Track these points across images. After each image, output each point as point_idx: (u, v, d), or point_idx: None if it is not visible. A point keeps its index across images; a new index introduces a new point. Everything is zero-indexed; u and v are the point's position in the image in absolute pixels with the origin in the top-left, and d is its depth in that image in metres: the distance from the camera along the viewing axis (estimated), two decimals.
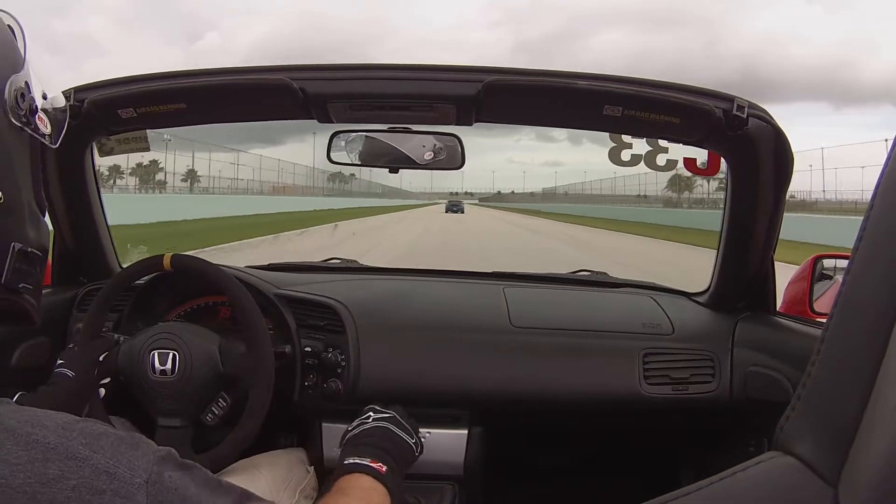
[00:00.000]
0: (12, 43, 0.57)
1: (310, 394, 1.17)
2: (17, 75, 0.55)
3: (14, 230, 0.55)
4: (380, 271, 1.64)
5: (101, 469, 0.44)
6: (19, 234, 0.55)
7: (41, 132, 0.58)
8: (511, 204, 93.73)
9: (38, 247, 0.57)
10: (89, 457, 0.44)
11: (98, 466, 0.44)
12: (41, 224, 0.60)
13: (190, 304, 1.24)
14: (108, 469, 0.44)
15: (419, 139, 1.16)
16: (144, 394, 1.00)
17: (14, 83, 0.54)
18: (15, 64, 0.56)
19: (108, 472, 0.44)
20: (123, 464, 0.45)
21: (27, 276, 0.55)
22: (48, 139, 0.60)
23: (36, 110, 0.57)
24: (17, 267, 0.54)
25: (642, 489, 0.66)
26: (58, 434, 0.44)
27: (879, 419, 0.32)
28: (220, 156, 31.97)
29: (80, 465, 0.43)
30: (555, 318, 1.31)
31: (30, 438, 0.43)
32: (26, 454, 0.42)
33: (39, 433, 0.44)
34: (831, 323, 0.36)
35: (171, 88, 1.07)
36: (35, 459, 0.42)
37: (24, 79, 0.56)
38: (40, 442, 0.43)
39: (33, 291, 0.57)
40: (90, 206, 1.30)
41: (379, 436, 0.91)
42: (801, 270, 1.51)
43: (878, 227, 0.35)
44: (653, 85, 1.01)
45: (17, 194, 0.55)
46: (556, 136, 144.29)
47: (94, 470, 0.44)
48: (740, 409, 1.19)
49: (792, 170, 1.07)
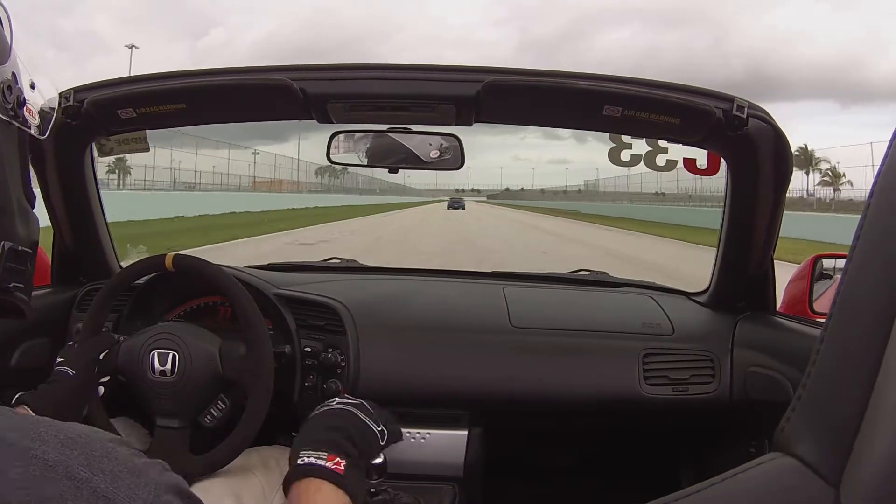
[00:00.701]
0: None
1: (309, 394, 1.16)
2: (2, 67, 0.53)
3: (3, 229, 0.54)
4: (380, 271, 1.64)
5: (100, 493, 0.42)
6: (9, 233, 0.55)
7: (29, 124, 0.57)
8: (522, 201, 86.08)
9: (28, 243, 0.57)
10: (89, 479, 0.42)
11: (97, 490, 0.42)
12: (30, 218, 0.59)
13: (189, 305, 1.24)
14: (106, 494, 0.42)
15: (425, 138, 1.16)
16: (143, 393, 1.00)
17: (0, 75, 0.52)
18: (1, 54, 0.54)
19: (107, 498, 0.42)
20: (123, 491, 0.43)
21: (18, 274, 0.55)
22: (37, 130, 0.58)
23: (24, 102, 0.55)
24: (8, 266, 0.53)
25: (642, 489, 0.66)
26: (58, 451, 0.43)
27: (880, 419, 0.32)
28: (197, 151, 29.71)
29: (77, 487, 0.41)
30: (554, 318, 1.31)
31: (29, 454, 0.41)
32: (25, 470, 0.40)
33: (39, 448, 0.42)
34: (830, 323, 0.36)
35: (171, 88, 1.07)
36: (34, 476, 0.40)
37: (11, 69, 0.54)
38: (39, 458, 0.41)
39: (24, 288, 0.56)
40: (90, 206, 1.30)
41: (341, 419, 0.90)
42: (801, 270, 1.51)
43: (876, 227, 0.35)
44: (652, 85, 1.01)
45: (6, 192, 0.54)
46: (562, 133, 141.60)
47: (93, 493, 0.42)
48: (740, 409, 1.19)
49: (791, 170, 1.07)
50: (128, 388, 1.02)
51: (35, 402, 0.88)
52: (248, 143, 41.30)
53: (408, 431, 1.23)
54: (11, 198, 0.55)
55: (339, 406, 0.92)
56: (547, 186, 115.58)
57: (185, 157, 28.93)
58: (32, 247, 0.58)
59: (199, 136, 27.76)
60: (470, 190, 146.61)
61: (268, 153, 42.93)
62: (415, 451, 1.22)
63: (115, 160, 22.57)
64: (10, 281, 0.54)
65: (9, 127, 0.54)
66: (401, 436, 0.99)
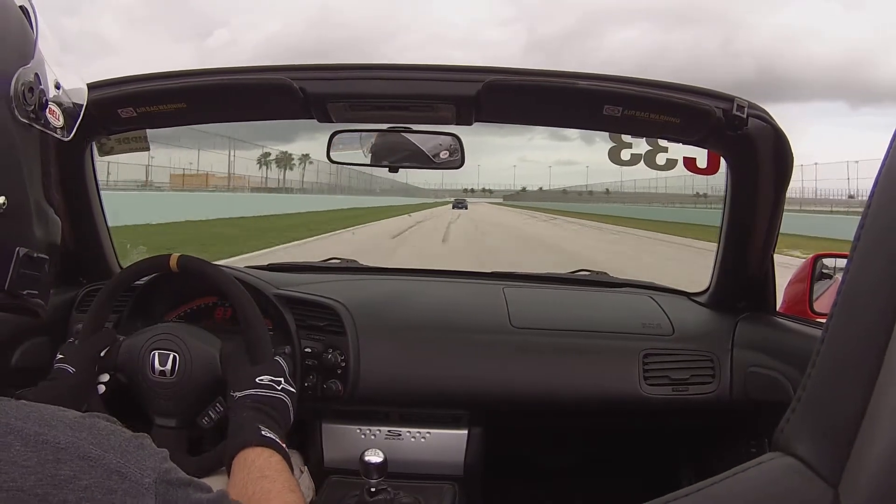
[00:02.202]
0: (21, 30, 0.53)
1: (310, 394, 1.16)
2: (25, 68, 0.52)
3: (19, 233, 0.53)
4: (380, 271, 1.64)
5: (113, 469, 0.44)
6: (25, 237, 0.53)
7: (52, 126, 0.55)
8: (544, 203, 72.85)
9: (45, 247, 0.56)
10: (101, 456, 0.44)
11: (109, 466, 0.44)
12: (49, 220, 0.58)
13: (190, 305, 1.24)
14: (119, 469, 0.44)
15: (430, 137, 1.17)
16: (142, 392, 1.00)
17: (22, 77, 0.51)
18: (24, 55, 0.52)
19: (120, 472, 0.44)
20: (133, 463, 0.45)
21: (32, 280, 0.54)
22: (60, 132, 0.57)
23: (46, 104, 0.54)
24: (22, 272, 0.52)
25: (642, 489, 0.66)
26: (67, 434, 0.44)
27: (880, 419, 0.32)
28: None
29: (91, 466, 0.43)
30: (555, 319, 1.31)
31: (39, 439, 0.43)
32: (36, 455, 0.42)
33: (49, 433, 0.43)
34: (831, 323, 0.36)
35: (171, 88, 1.07)
36: (46, 461, 0.42)
37: (34, 70, 0.53)
38: (50, 442, 0.43)
39: (40, 294, 0.55)
40: (90, 207, 1.30)
41: (283, 413, 0.91)
42: (801, 270, 1.51)
43: (877, 225, 0.35)
44: (653, 85, 1.01)
45: (23, 196, 0.53)
46: (570, 134, 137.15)
47: (106, 470, 0.44)
48: (740, 409, 1.19)
49: (791, 170, 1.07)
50: (127, 387, 1.02)
51: (34, 399, 0.88)
52: (257, 143, 36.49)
53: (408, 431, 1.23)
54: (29, 201, 0.54)
55: (280, 397, 0.93)
56: (568, 186, 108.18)
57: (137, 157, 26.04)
58: (51, 250, 0.57)
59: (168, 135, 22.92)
60: (480, 190, 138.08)
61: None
62: (415, 450, 1.22)
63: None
64: (24, 287, 0.53)
65: (29, 129, 0.53)
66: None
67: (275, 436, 0.84)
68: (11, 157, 0.52)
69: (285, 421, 0.91)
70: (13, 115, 0.51)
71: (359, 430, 1.24)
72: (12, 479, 0.40)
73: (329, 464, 1.23)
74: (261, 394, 0.91)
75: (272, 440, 0.83)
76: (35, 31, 0.55)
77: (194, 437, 1.03)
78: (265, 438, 0.82)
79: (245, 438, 0.82)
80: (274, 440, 0.83)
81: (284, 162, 44.72)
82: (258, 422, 0.85)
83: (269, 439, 0.82)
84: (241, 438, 0.82)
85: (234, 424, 0.87)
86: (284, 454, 0.82)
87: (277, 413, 0.90)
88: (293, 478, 0.79)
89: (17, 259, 0.52)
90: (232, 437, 0.84)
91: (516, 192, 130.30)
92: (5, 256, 0.52)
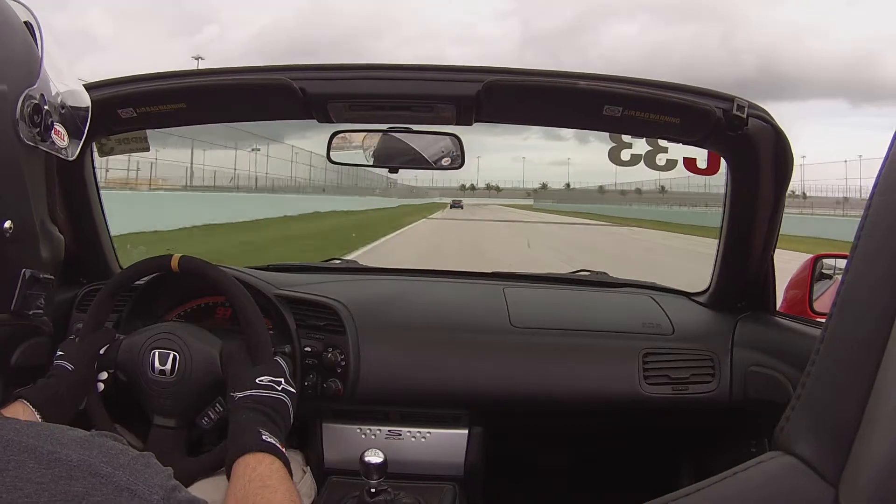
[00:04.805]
0: (27, 48, 0.53)
1: (309, 394, 1.16)
2: (31, 89, 0.51)
3: (25, 256, 0.53)
4: (380, 271, 1.64)
5: (123, 486, 0.45)
6: (30, 259, 0.54)
7: (57, 147, 0.55)
8: (587, 206, 55.60)
9: (51, 266, 0.57)
10: (111, 474, 0.45)
11: (119, 484, 0.45)
12: (54, 238, 0.58)
13: (190, 305, 1.24)
14: (129, 486, 0.46)
15: (431, 138, 1.17)
16: (142, 391, 1.00)
17: (28, 99, 0.51)
18: (29, 75, 0.52)
19: (130, 490, 0.46)
20: (142, 481, 0.47)
21: (37, 300, 0.54)
22: (65, 153, 0.57)
23: (52, 126, 0.54)
24: (28, 294, 0.53)
25: (642, 489, 0.66)
26: (78, 452, 0.45)
27: (880, 419, 0.32)
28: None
29: (103, 483, 0.44)
30: (555, 318, 1.31)
31: (52, 457, 0.44)
32: (50, 473, 0.43)
33: (61, 451, 0.45)
34: (831, 323, 0.36)
35: (171, 88, 1.07)
36: (59, 478, 0.43)
37: (40, 90, 0.52)
38: (62, 460, 0.44)
39: (45, 312, 0.56)
40: (90, 207, 1.30)
41: (283, 414, 0.91)
42: (801, 270, 1.51)
43: (878, 226, 0.35)
44: (653, 85, 1.01)
45: (29, 217, 0.53)
46: (586, 134, 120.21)
47: (116, 487, 0.45)
48: (740, 409, 1.19)
49: (792, 169, 1.07)
50: (126, 386, 1.02)
51: (34, 397, 0.88)
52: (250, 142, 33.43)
53: (408, 431, 1.23)
54: (34, 222, 0.54)
55: (280, 398, 0.93)
56: (606, 183, 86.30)
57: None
58: (56, 269, 0.58)
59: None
60: (483, 187, 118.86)
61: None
62: (415, 450, 1.22)
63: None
64: (30, 308, 0.54)
65: (35, 151, 0.53)
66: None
67: (275, 440, 0.83)
68: (17, 180, 0.52)
69: (285, 422, 0.91)
70: (19, 138, 0.51)
71: (359, 430, 1.24)
72: (27, 495, 0.41)
73: (329, 464, 1.23)
74: (261, 394, 0.90)
75: (273, 446, 0.82)
76: (40, 48, 0.54)
77: (194, 437, 1.03)
78: (266, 444, 0.82)
79: (246, 443, 0.82)
80: (275, 445, 0.82)
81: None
82: (259, 424, 0.85)
83: (270, 445, 0.82)
84: (241, 443, 0.82)
85: (235, 426, 0.86)
86: (285, 460, 0.82)
87: (277, 414, 0.90)
88: (294, 486, 0.78)
89: (24, 281, 0.53)
90: (232, 441, 0.84)
91: (533, 191, 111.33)
92: (11, 278, 0.52)
